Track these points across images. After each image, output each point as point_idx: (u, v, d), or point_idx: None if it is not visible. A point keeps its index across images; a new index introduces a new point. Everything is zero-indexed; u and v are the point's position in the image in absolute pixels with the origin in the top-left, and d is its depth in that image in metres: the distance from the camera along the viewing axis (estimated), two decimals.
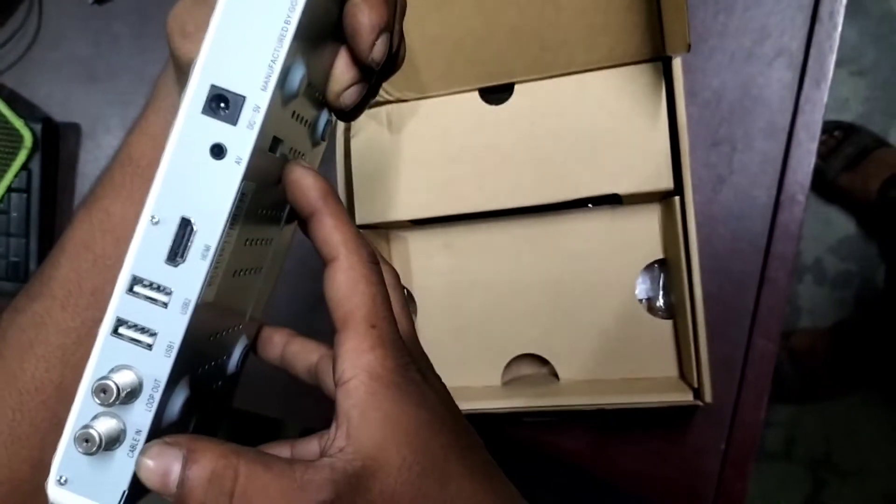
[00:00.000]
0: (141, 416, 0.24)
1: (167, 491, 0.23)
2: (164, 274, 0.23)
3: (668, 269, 0.55)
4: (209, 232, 0.23)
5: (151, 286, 0.23)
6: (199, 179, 0.23)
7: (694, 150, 0.55)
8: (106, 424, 0.23)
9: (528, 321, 0.57)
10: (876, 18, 1.23)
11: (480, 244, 0.58)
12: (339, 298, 0.26)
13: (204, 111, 0.23)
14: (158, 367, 0.24)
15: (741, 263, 0.55)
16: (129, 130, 0.37)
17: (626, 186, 0.52)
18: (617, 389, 0.53)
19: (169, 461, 0.23)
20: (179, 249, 0.23)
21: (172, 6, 0.33)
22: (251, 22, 0.23)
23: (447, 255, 0.59)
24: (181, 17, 0.32)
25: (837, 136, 1.21)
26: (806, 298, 1.27)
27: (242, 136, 0.23)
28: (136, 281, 0.23)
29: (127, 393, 0.23)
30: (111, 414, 0.24)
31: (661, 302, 0.55)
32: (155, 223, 0.23)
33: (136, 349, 0.24)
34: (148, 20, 0.68)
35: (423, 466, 0.25)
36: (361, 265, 0.26)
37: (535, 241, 0.57)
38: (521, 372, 0.58)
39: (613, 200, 0.54)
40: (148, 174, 0.23)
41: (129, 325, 0.24)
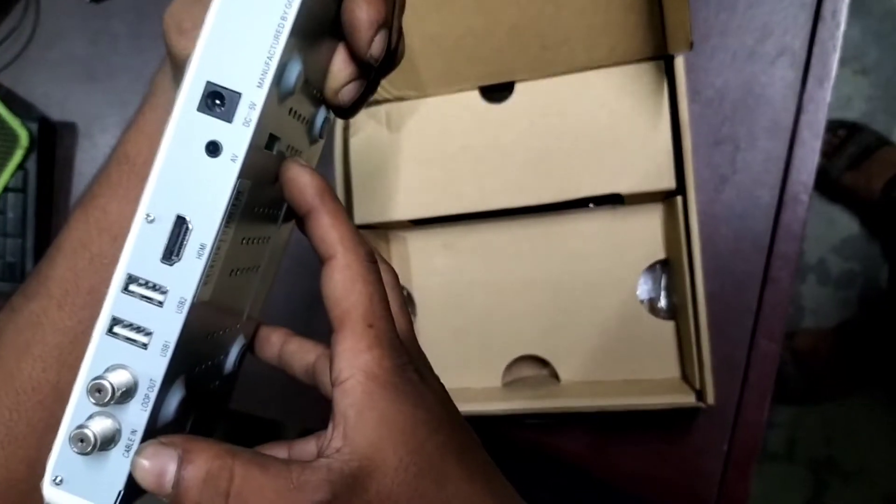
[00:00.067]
0: (136, 415, 0.23)
1: (162, 491, 0.23)
2: (159, 272, 0.23)
3: (670, 269, 0.54)
4: (205, 230, 0.23)
5: (147, 285, 0.23)
6: (194, 177, 0.23)
7: (696, 149, 0.55)
8: (101, 424, 0.23)
9: (528, 322, 0.57)
10: (879, 17, 1.22)
11: (480, 244, 0.58)
12: (336, 297, 0.26)
13: (199, 108, 0.23)
14: (154, 366, 0.23)
15: (744, 263, 0.55)
16: (125, 128, 0.36)
17: (627, 186, 0.52)
18: (618, 391, 0.53)
19: (164, 461, 0.23)
20: (175, 248, 0.23)
21: (169, 4, 0.32)
22: (247, 18, 0.23)
23: (447, 255, 0.59)
24: (178, 14, 0.31)
25: (841, 135, 1.21)
26: (809, 298, 1.26)
27: (238, 133, 0.23)
28: (131, 280, 0.23)
29: (122, 392, 0.23)
30: (106, 414, 0.23)
31: (662, 302, 0.55)
32: (150, 221, 0.23)
33: (131, 348, 0.23)
34: (146, 19, 0.68)
35: (419, 467, 0.25)
36: (359, 264, 0.26)
37: (535, 241, 0.57)
38: (521, 373, 0.58)
39: (615, 200, 0.54)
40: (144, 172, 0.23)
41: (124, 324, 0.23)
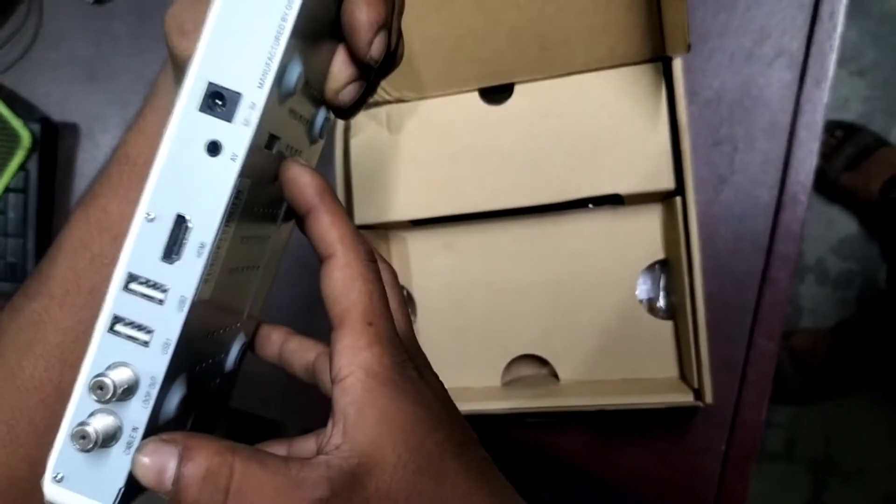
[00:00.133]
0: (137, 413, 0.24)
1: (163, 488, 0.23)
2: (159, 271, 0.23)
3: (669, 269, 0.54)
4: (205, 229, 0.23)
5: (147, 283, 0.23)
6: (194, 176, 0.23)
7: (695, 149, 0.55)
8: (102, 421, 0.23)
9: (528, 321, 0.57)
10: (876, 18, 1.23)
11: (480, 244, 0.58)
12: (335, 296, 0.26)
13: (200, 108, 0.23)
14: (155, 364, 0.23)
15: (742, 263, 0.55)
16: (127, 129, 0.37)
17: (627, 186, 0.52)
18: (617, 390, 0.53)
19: (164, 458, 0.23)
20: (175, 246, 0.23)
21: (171, 6, 0.33)
22: (248, 19, 0.23)
23: (447, 255, 0.59)
24: (179, 15, 0.32)
25: (838, 135, 1.21)
26: (808, 298, 1.27)
27: (238, 133, 0.23)
28: (131, 278, 0.23)
29: (123, 390, 0.23)
30: (108, 411, 0.23)
31: (661, 302, 0.55)
32: (150, 220, 0.23)
33: (132, 346, 0.23)
34: (147, 20, 0.68)
35: (418, 464, 0.25)
36: (358, 262, 0.26)
37: (535, 241, 0.57)
38: (521, 373, 0.58)
39: (614, 200, 0.54)
40: (145, 173, 0.23)
41: (125, 322, 0.23)
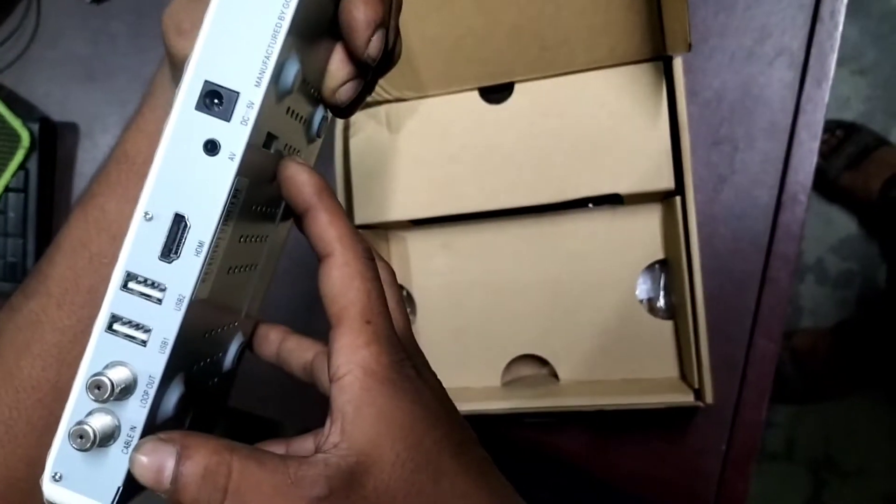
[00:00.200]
0: (135, 412, 0.24)
1: (161, 487, 0.23)
2: (158, 270, 0.23)
3: (668, 269, 0.54)
4: (203, 228, 0.23)
5: (145, 282, 0.23)
6: (192, 175, 0.23)
7: (695, 149, 0.55)
8: (100, 420, 0.23)
9: (527, 321, 0.57)
10: (877, 17, 1.23)
11: (480, 244, 0.58)
12: (334, 294, 0.26)
13: (198, 107, 0.23)
14: (153, 363, 0.23)
15: (742, 263, 0.55)
16: (125, 128, 0.37)
17: (626, 186, 0.52)
18: (617, 390, 0.53)
19: (163, 457, 0.23)
20: (173, 245, 0.23)
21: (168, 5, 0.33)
22: (245, 17, 0.23)
23: (446, 255, 0.59)
24: (177, 14, 0.32)
25: (839, 135, 1.21)
26: (807, 298, 1.26)
27: (236, 132, 0.23)
28: (130, 277, 0.23)
29: (121, 389, 0.23)
30: (106, 410, 0.24)
31: (661, 302, 0.55)
32: (148, 219, 0.23)
33: (130, 345, 0.23)
34: (146, 19, 0.68)
35: (416, 462, 0.25)
36: (357, 261, 0.26)
37: (535, 241, 0.57)
38: (520, 373, 0.58)
39: (614, 200, 0.54)
40: (143, 171, 0.23)
41: (123, 321, 0.24)
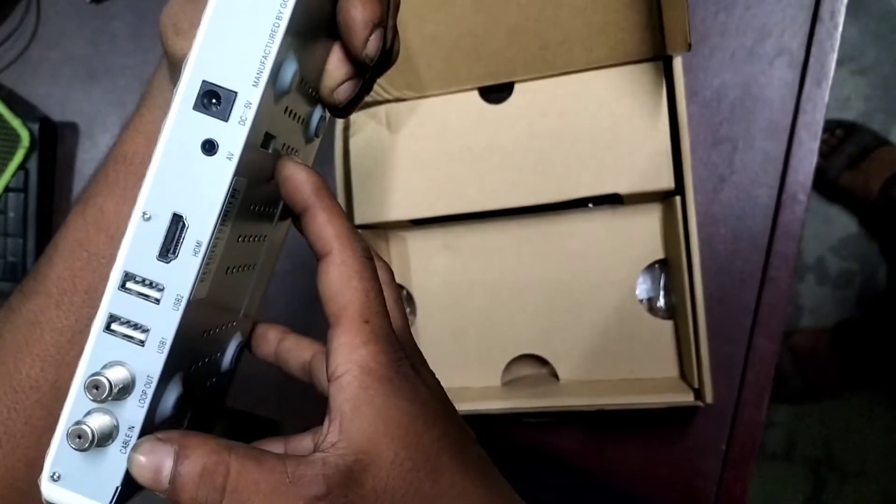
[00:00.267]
0: (134, 412, 0.24)
1: (159, 487, 0.23)
2: (155, 270, 0.23)
3: (668, 268, 0.54)
4: (201, 228, 0.23)
5: (143, 282, 0.23)
6: (190, 175, 0.23)
7: (695, 149, 0.55)
8: (99, 420, 0.23)
9: (527, 321, 0.57)
10: (877, 17, 1.22)
11: (480, 244, 0.58)
12: (332, 293, 0.26)
13: (195, 107, 0.23)
14: (151, 363, 0.23)
15: (742, 263, 0.55)
16: (123, 128, 0.37)
17: (626, 186, 0.52)
18: (617, 390, 0.53)
19: (161, 457, 0.23)
20: (171, 245, 0.23)
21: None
22: (243, 17, 0.23)
23: (447, 255, 0.59)
24: (175, 14, 0.32)
25: (839, 134, 1.21)
26: (807, 298, 1.26)
27: (234, 131, 0.23)
28: (128, 277, 0.23)
29: (119, 389, 0.23)
30: (104, 410, 0.24)
31: (661, 302, 0.55)
32: (146, 219, 0.23)
33: (128, 345, 0.23)
34: (146, 19, 0.68)
35: (415, 461, 0.25)
36: (355, 260, 0.26)
37: (535, 241, 0.57)
38: (520, 372, 0.58)
39: (614, 200, 0.54)
40: (141, 172, 0.23)
41: (121, 321, 0.23)
